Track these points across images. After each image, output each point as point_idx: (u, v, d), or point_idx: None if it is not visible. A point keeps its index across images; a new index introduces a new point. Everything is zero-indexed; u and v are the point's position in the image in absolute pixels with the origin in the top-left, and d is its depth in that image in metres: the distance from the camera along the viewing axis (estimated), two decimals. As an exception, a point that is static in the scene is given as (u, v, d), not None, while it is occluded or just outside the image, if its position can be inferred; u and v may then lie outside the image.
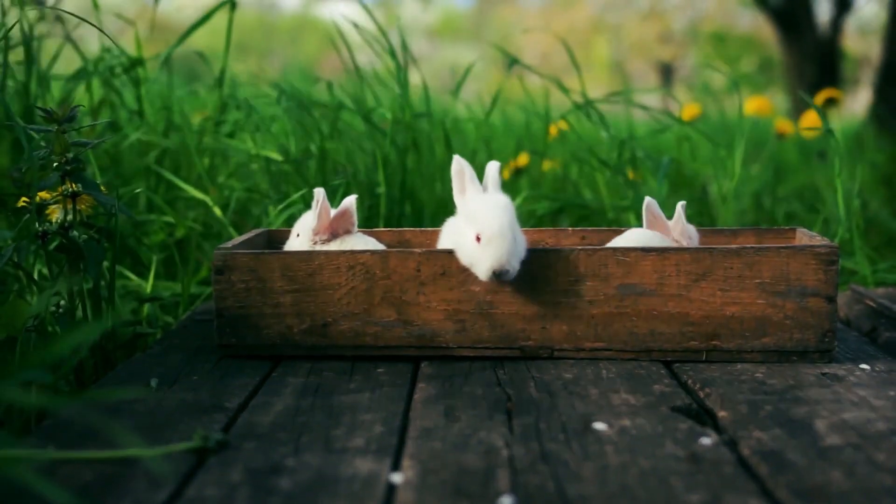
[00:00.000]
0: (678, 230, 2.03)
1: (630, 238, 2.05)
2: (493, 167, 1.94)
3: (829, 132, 2.53)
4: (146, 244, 2.69)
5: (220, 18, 3.06)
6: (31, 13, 2.79)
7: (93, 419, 1.42)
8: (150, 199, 2.81)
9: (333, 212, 2.02)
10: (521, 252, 1.79)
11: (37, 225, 1.80)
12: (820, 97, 4.01)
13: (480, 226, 1.75)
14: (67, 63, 3.10)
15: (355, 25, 2.99)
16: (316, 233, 2.02)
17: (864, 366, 1.79)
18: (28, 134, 1.86)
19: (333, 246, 2.01)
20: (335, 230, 2.03)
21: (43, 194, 1.84)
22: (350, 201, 2.05)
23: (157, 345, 1.99)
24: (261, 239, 2.15)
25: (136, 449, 1.32)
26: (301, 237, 2.05)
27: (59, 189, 1.86)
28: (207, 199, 2.72)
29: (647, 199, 2.08)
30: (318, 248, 2.01)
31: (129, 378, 1.74)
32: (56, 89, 2.91)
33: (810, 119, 3.75)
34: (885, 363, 1.81)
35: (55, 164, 1.84)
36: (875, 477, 1.22)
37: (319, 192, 1.99)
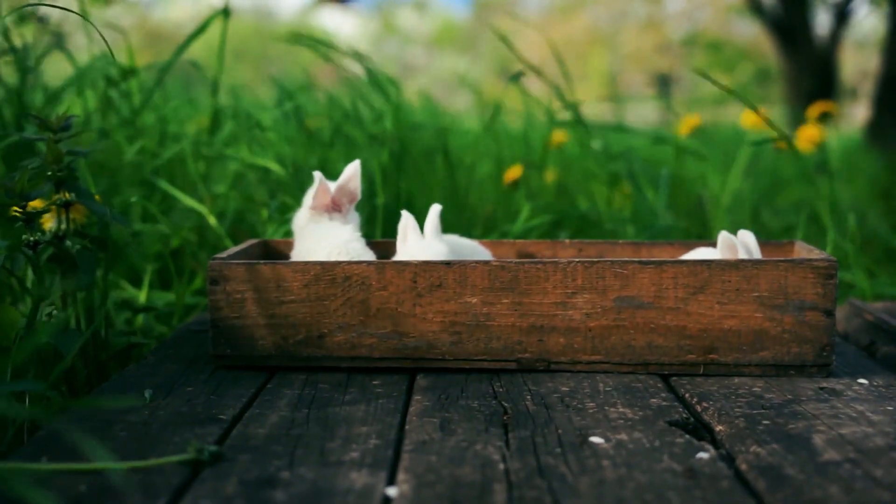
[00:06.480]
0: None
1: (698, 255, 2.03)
2: (433, 212, 2.07)
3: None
4: (141, 254, 2.68)
5: (216, 26, 3.06)
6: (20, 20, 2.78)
7: (76, 438, 1.41)
8: (146, 209, 2.81)
9: (334, 185, 2.07)
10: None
11: (28, 234, 1.78)
12: (815, 110, 4.01)
13: None
14: (61, 73, 3.09)
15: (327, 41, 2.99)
16: (313, 209, 2.07)
17: (862, 380, 1.78)
18: (21, 142, 1.85)
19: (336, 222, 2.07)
20: (338, 203, 2.08)
21: (37, 203, 1.83)
22: (353, 168, 2.10)
23: (152, 355, 1.98)
24: (257, 249, 2.14)
25: (130, 461, 1.31)
26: (302, 209, 2.11)
27: (53, 198, 1.85)
28: (203, 208, 2.71)
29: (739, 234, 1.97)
30: (313, 224, 2.07)
31: (122, 388, 1.73)
32: (42, 98, 2.90)
33: (808, 132, 3.74)
34: (883, 377, 1.81)
35: (48, 173, 1.83)
36: (873, 493, 1.21)
37: (318, 175, 2.06)
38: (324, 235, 2.01)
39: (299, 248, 2.05)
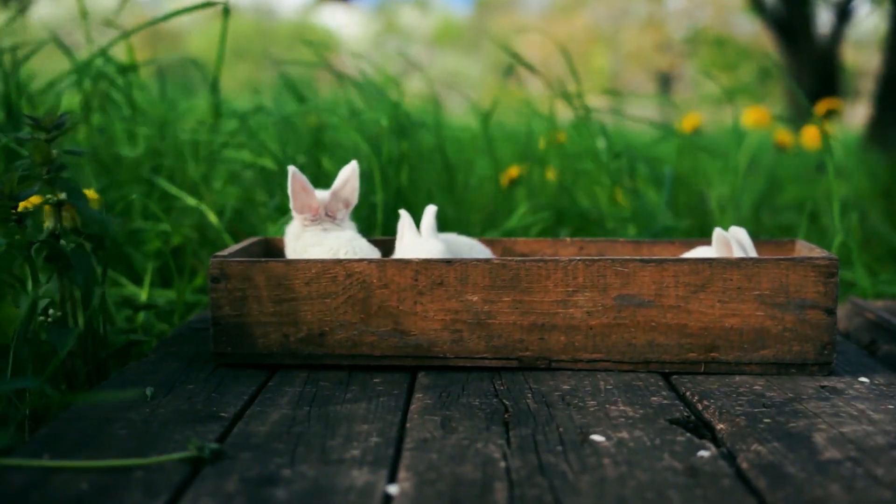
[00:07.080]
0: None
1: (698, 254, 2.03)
2: (429, 212, 2.06)
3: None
4: (142, 251, 2.68)
5: (217, 24, 3.05)
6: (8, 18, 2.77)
7: (77, 435, 1.41)
8: (146, 206, 2.80)
9: (328, 192, 2.03)
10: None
11: (20, 234, 1.77)
12: (820, 108, 4.01)
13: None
14: (57, 69, 3.08)
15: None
16: (299, 212, 2.02)
17: (863, 378, 1.78)
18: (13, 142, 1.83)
19: (330, 230, 2.02)
20: (332, 211, 2.03)
21: (35, 199, 1.82)
22: (349, 170, 2.06)
23: (153, 353, 1.98)
24: (258, 247, 2.14)
25: (131, 459, 1.31)
26: (294, 221, 2.06)
27: (45, 197, 1.83)
28: (203, 206, 2.70)
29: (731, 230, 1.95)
30: (310, 229, 2.01)
31: (123, 386, 1.72)
32: (38, 95, 2.89)
33: (810, 131, 3.74)
34: (884, 376, 1.80)
35: (40, 174, 1.82)
36: (874, 491, 1.21)
37: (291, 170, 1.98)
38: (322, 243, 1.98)
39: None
